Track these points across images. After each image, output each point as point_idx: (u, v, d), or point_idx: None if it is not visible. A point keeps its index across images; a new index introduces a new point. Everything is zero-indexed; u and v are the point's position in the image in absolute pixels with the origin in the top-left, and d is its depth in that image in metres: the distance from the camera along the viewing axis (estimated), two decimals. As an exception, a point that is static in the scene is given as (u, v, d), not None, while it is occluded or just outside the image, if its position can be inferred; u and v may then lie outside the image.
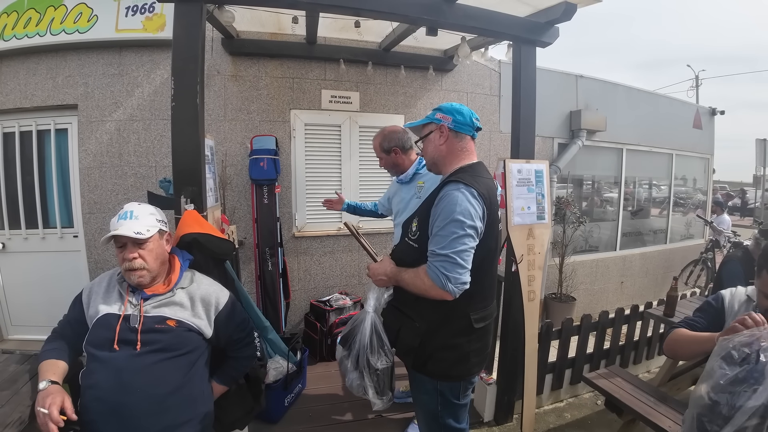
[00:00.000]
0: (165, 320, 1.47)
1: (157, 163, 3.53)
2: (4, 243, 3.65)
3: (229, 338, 1.65)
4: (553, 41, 2.56)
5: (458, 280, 1.39)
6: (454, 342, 1.52)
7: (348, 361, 1.69)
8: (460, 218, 1.40)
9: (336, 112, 3.86)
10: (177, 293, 1.55)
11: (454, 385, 1.59)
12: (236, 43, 3.50)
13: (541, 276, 2.52)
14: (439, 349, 1.52)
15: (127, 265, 1.46)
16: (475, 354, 1.57)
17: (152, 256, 1.50)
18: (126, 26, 3.38)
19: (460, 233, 1.39)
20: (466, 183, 1.45)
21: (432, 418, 1.65)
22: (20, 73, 3.47)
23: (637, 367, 3.49)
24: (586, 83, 5.08)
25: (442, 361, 1.53)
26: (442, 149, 1.61)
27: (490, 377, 2.79)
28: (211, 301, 1.59)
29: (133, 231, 1.45)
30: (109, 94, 3.48)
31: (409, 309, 1.57)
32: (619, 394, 2.42)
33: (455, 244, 1.39)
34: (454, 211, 1.40)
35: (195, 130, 1.94)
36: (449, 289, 1.39)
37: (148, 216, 1.55)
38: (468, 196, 1.42)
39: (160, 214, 1.61)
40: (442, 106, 1.65)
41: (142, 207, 1.56)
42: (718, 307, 1.67)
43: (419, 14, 2.25)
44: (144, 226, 1.50)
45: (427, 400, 1.63)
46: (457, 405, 1.62)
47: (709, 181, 7.10)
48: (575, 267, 4.90)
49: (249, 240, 3.54)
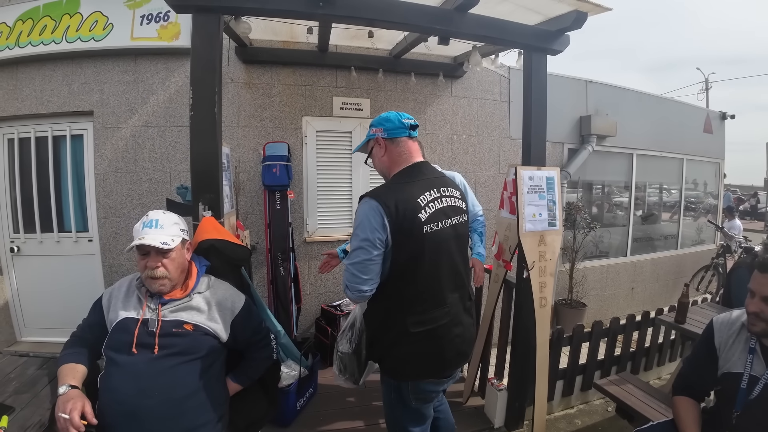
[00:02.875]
0: (182, 324, 1.50)
1: (172, 169, 3.59)
2: (19, 246, 3.73)
3: (246, 341, 1.68)
4: (563, 49, 2.57)
5: (354, 288, 1.50)
6: (396, 344, 1.57)
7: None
8: (357, 232, 1.50)
9: (347, 119, 3.90)
10: (194, 298, 1.57)
11: (403, 386, 1.63)
12: (249, 51, 3.56)
13: (552, 282, 2.53)
14: (386, 348, 1.61)
15: (150, 273, 1.48)
16: (419, 358, 1.57)
17: (174, 265, 1.52)
18: (141, 34, 3.44)
19: (356, 246, 1.49)
20: (370, 195, 1.52)
21: (393, 419, 1.75)
22: (36, 80, 3.54)
23: (648, 374, 3.47)
24: (596, 88, 5.08)
25: (389, 359, 1.62)
26: (385, 160, 1.68)
27: (501, 383, 2.79)
28: (228, 305, 1.62)
29: (159, 241, 1.47)
30: (125, 101, 3.55)
31: (368, 307, 1.68)
32: (631, 400, 2.43)
33: (353, 256, 1.50)
34: (355, 225, 1.52)
35: (213, 139, 1.98)
36: (348, 295, 1.54)
37: (172, 225, 1.56)
38: (367, 210, 1.49)
39: (183, 223, 1.63)
40: (372, 122, 1.71)
41: (167, 216, 1.57)
42: (709, 346, 1.67)
43: (431, 24, 2.28)
44: (169, 235, 1.52)
45: (385, 391, 1.73)
46: (411, 409, 1.67)
47: (720, 185, 7.05)
48: (586, 273, 4.89)
49: (261, 245, 3.58)
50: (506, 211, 2.61)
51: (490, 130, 4.37)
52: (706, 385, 1.71)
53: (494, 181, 4.37)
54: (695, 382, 1.73)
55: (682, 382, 1.78)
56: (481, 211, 2.65)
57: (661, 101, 6.03)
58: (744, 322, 1.58)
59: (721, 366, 1.61)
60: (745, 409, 1.51)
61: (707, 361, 1.67)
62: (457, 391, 3.04)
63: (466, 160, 4.28)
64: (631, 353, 3.31)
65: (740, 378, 1.53)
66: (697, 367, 1.73)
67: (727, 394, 1.59)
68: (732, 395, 1.55)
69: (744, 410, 1.51)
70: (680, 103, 6.50)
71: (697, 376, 1.72)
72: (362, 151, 1.79)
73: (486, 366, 3.00)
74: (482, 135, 4.34)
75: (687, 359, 1.85)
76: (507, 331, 2.79)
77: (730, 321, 1.65)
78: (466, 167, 4.26)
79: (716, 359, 1.63)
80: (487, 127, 4.35)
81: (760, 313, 1.48)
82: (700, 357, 1.72)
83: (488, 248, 4.18)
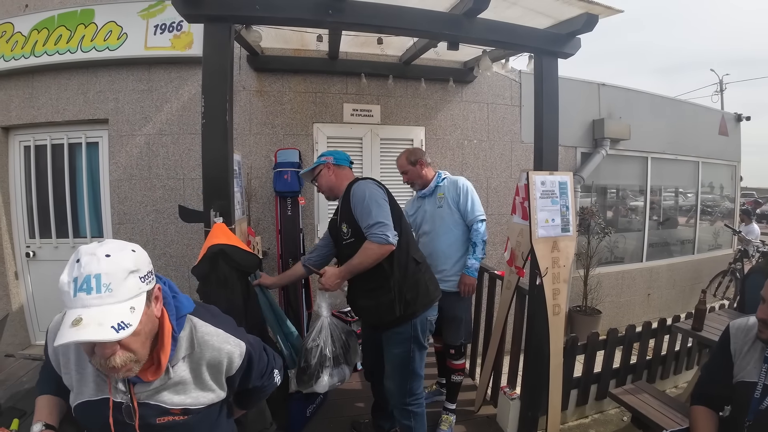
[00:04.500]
0: (167, 411, 1.07)
1: (185, 176, 3.63)
2: (34, 251, 3.81)
3: (248, 387, 1.31)
4: (575, 52, 2.54)
5: (394, 234, 1.87)
6: (413, 283, 1.99)
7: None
8: (374, 197, 1.91)
9: (357, 125, 3.91)
10: (174, 370, 1.07)
11: (423, 323, 2.03)
12: (261, 59, 3.60)
13: (566, 289, 2.49)
14: (407, 291, 1.97)
15: (102, 363, 0.90)
16: (431, 282, 2.11)
17: (140, 340, 0.94)
18: (155, 44, 3.51)
19: (380, 204, 1.90)
20: (364, 180, 2.03)
21: (404, 366, 2.04)
22: (52, 88, 3.63)
23: (665, 383, 3.40)
24: (608, 91, 5.03)
25: (411, 302, 1.97)
26: (332, 178, 2.14)
27: (514, 392, 2.74)
28: (222, 365, 1.14)
29: (110, 326, 0.84)
30: (139, 109, 3.61)
31: (372, 282, 1.97)
32: (646, 410, 2.38)
33: (380, 213, 1.87)
34: (366, 195, 1.91)
35: (224, 146, 1.99)
36: (392, 241, 1.86)
37: (126, 278, 0.90)
38: (369, 182, 2.00)
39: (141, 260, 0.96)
40: (322, 153, 2.23)
41: (113, 262, 0.89)
42: (725, 352, 1.63)
43: (441, 30, 2.28)
44: (125, 302, 0.89)
45: (403, 351, 2.03)
46: (423, 348, 2.07)
47: (737, 188, 6.91)
48: (600, 279, 4.82)
49: (273, 251, 3.60)
50: (518, 217, 2.58)
51: (502, 135, 4.34)
52: (724, 394, 1.65)
53: (506, 186, 4.34)
54: (712, 390, 1.68)
55: (700, 390, 1.74)
56: (480, 217, 2.59)
57: (675, 103, 5.94)
58: None
59: (736, 374, 1.57)
60: (756, 419, 1.47)
61: (723, 368, 1.62)
62: (468, 399, 3.00)
63: (477, 165, 4.26)
64: (647, 361, 3.25)
65: (754, 387, 1.49)
66: (713, 375, 1.69)
67: (740, 403, 1.55)
68: (745, 404, 1.51)
69: (756, 420, 1.47)
70: (694, 105, 6.41)
71: (713, 384, 1.67)
72: (307, 176, 2.24)
73: (498, 374, 2.95)
74: (493, 140, 4.32)
75: (704, 366, 1.80)
76: (520, 339, 2.74)
77: (746, 327, 1.60)
78: (477, 172, 4.24)
79: (732, 366, 1.59)
80: (498, 131, 4.33)
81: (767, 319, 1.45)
82: (717, 364, 1.67)
83: (500, 254, 4.17)
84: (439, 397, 2.93)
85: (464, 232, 2.62)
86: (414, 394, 2.10)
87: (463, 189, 2.60)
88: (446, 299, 2.29)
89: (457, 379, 2.71)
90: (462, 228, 2.61)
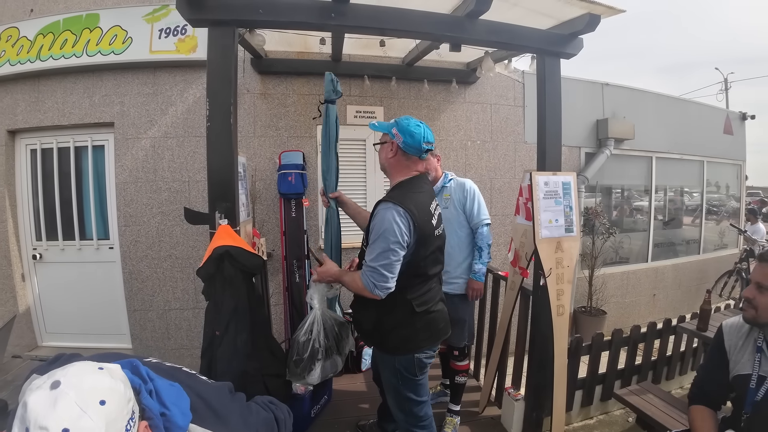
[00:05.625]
0: None
1: (190, 179, 3.66)
2: (41, 253, 3.84)
3: None
4: (577, 52, 2.54)
5: (383, 287, 1.66)
6: (401, 324, 1.77)
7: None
8: (386, 236, 1.62)
9: (361, 127, 3.92)
10: None
11: (408, 360, 1.80)
12: (265, 62, 3.63)
13: (570, 290, 2.49)
14: (389, 331, 1.79)
15: None
16: (423, 331, 1.81)
17: None
18: (159, 48, 3.54)
19: (386, 248, 1.62)
20: (395, 202, 1.66)
21: (395, 391, 1.90)
22: (57, 92, 3.67)
23: (670, 383, 3.38)
24: (612, 91, 5.02)
25: (394, 339, 1.79)
26: (392, 162, 1.84)
27: (518, 393, 2.75)
28: None
29: None
30: (144, 112, 3.64)
31: (365, 300, 1.78)
32: (651, 411, 2.38)
33: (381, 258, 1.63)
34: (382, 228, 1.63)
35: (229, 149, 2.01)
36: (376, 293, 1.67)
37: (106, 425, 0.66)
38: (395, 215, 1.63)
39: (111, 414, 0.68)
40: (399, 122, 1.82)
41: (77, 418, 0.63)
42: (720, 351, 1.66)
43: (443, 32, 2.29)
44: None
45: (390, 376, 1.88)
46: (413, 381, 1.85)
47: (742, 187, 6.87)
48: (605, 279, 4.81)
49: (277, 252, 3.62)
50: (522, 218, 2.58)
51: (505, 136, 4.35)
52: (721, 392, 1.68)
53: (509, 186, 4.34)
54: (710, 389, 1.69)
55: (697, 390, 1.75)
56: (486, 221, 2.59)
57: (680, 103, 5.92)
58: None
59: (732, 369, 1.60)
60: (754, 410, 1.48)
61: (719, 367, 1.64)
62: (473, 400, 3.00)
63: (480, 166, 4.26)
64: (653, 362, 3.23)
65: (749, 379, 1.51)
66: (710, 374, 1.70)
67: (738, 398, 1.58)
68: (742, 397, 1.53)
69: (753, 411, 1.49)
70: (699, 105, 6.38)
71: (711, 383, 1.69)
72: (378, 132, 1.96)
73: (503, 375, 2.95)
74: (497, 140, 4.32)
75: (701, 366, 1.82)
76: (524, 340, 2.74)
77: (739, 324, 1.63)
78: (481, 173, 4.24)
79: (728, 363, 1.61)
80: (501, 132, 4.33)
81: (752, 299, 1.50)
82: (713, 363, 1.70)
83: (504, 255, 4.16)
84: (443, 398, 2.94)
85: (468, 234, 2.62)
86: (417, 416, 1.93)
87: (470, 192, 2.60)
88: (450, 301, 2.27)
89: (460, 381, 2.71)
90: (466, 230, 2.62)
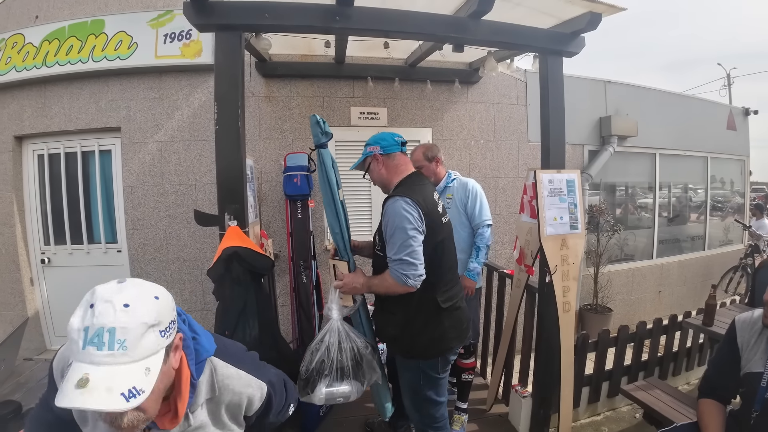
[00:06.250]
0: None
1: (197, 181, 3.69)
2: (49, 258, 3.89)
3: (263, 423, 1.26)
4: (579, 51, 2.55)
5: (415, 275, 1.66)
6: (429, 323, 1.79)
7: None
8: (402, 225, 1.67)
9: (365, 128, 3.94)
10: (194, 416, 1.03)
11: (433, 362, 1.83)
12: (269, 65, 3.66)
13: (575, 287, 2.50)
14: (416, 334, 1.79)
15: (110, 422, 0.80)
16: (451, 329, 1.83)
17: (153, 398, 0.82)
18: (165, 53, 3.57)
19: (405, 237, 1.66)
20: (400, 194, 1.73)
21: (415, 392, 1.90)
22: (64, 98, 3.71)
23: (677, 379, 3.39)
24: (615, 88, 5.03)
25: (423, 341, 1.79)
26: (383, 173, 1.92)
27: (525, 390, 2.76)
28: (241, 407, 1.12)
29: (119, 393, 0.74)
30: (151, 116, 3.68)
31: (389, 305, 1.84)
32: (658, 405, 2.39)
33: (404, 248, 1.66)
34: (396, 221, 1.68)
35: (237, 152, 2.04)
36: (410, 284, 1.66)
37: (145, 334, 0.80)
38: (403, 204, 1.69)
39: (163, 310, 0.86)
40: (368, 141, 1.96)
41: (132, 314, 0.79)
42: (732, 346, 1.66)
43: (446, 32, 2.31)
44: (140, 361, 0.79)
45: (411, 377, 1.89)
46: (437, 379, 1.88)
47: (747, 183, 6.86)
48: (611, 277, 4.81)
49: (284, 253, 3.65)
50: (527, 215, 2.60)
51: (508, 134, 4.36)
52: (731, 387, 1.68)
53: (514, 185, 4.35)
54: (719, 383, 1.70)
55: (707, 384, 1.76)
56: (487, 222, 2.62)
57: (683, 99, 5.92)
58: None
59: (743, 366, 1.60)
60: (763, 408, 1.49)
61: (730, 362, 1.65)
62: (480, 398, 3.02)
63: (484, 165, 4.28)
64: (659, 358, 3.24)
65: (760, 377, 1.51)
66: (720, 368, 1.71)
67: (747, 394, 1.58)
68: (752, 395, 1.53)
69: (763, 410, 1.49)
70: (702, 101, 6.39)
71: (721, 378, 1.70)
72: (359, 168, 2.02)
73: (510, 373, 2.97)
74: (500, 139, 4.34)
75: (711, 361, 1.83)
76: (530, 337, 2.76)
77: (752, 320, 1.63)
78: (485, 172, 4.26)
79: (739, 359, 1.61)
80: (504, 131, 4.35)
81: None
82: (724, 357, 1.70)
83: (510, 253, 4.18)
84: (450, 396, 2.95)
85: (471, 234, 2.65)
86: (434, 417, 1.94)
87: (472, 192, 2.63)
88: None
89: (467, 378, 2.73)
90: (468, 230, 2.65)
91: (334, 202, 2.04)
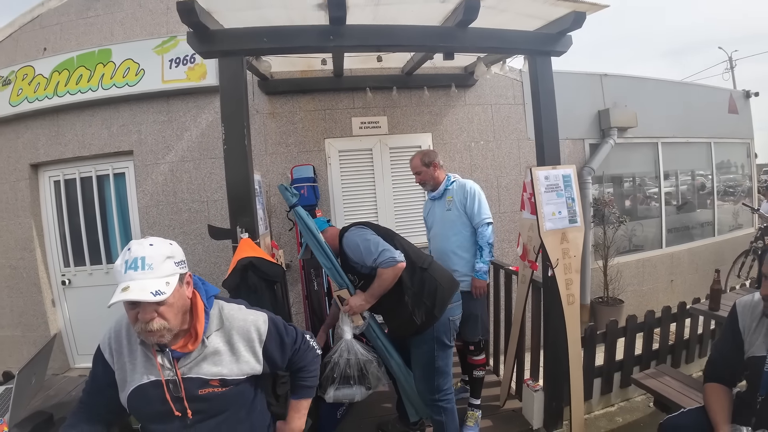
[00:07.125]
0: (207, 382, 1.28)
1: (209, 198, 3.83)
2: (70, 279, 4.04)
3: (287, 359, 1.48)
4: (566, 49, 2.61)
5: (395, 253, 2.06)
6: (425, 283, 2.14)
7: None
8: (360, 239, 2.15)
9: (366, 137, 4.06)
10: (209, 341, 1.29)
11: (444, 324, 2.18)
12: (271, 83, 3.79)
13: (578, 279, 2.56)
14: (428, 295, 2.12)
15: (143, 327, 1.16)
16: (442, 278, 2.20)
17: (173, 311, 1.19)
18: (171, 77, 3.73)
19: (368, 242, 2.11)
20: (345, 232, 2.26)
21: (428, 363, 2.20)
22: (77, 125, 3.89)
23: (690, 367, 3.40)
24: (611, 81, 5.05)
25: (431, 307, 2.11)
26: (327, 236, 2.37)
27: (537, 384, 2.79)
28: (252, 335, 1.36)
29: (149, 291, 1.11)
30: (161, 139, 3.84)
31: (393, 302, 2.14)
32: (667, 392, 2.40)
33: (374, 246, 2.08)
34: (355, 242, 2.15)
35: (245, 168, 2.16)
36: (399, 259, 2.05)
37: (164, 261, 1.18)
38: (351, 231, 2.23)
39: (176, 251, 1.26)
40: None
41: (156, 249, 1.19)
42: (734, 330, 1.66)
43: (436, 43, 2.41)
44: (162, 278, 1.16)
45: (426, 350, 2.19)
46: (448, 348, 2.22)
47: (753, 166, 6.81)
48: (620, 268, 4.81)
49: (295, 263, 3.76)
50: (527, 212, 2.67)
51: (508, 134, 4.42)
52: (735, 371, 1.69)
53: (516, 183, 4.40)
54: (724, 367, 1.71)
55: (712, 368, 1.77)
56: (486, 220, 2.68)
57: (681, 86, 5.93)
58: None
59: (746, 350, 1.60)
60: None
61: (734, 345, 1.65)
62: (493, 395, 3.06)
63: (486, 166, 4.35)
64: (670, 346, 3.26)
65: (763, 362, 1.52)
66: (724, 352, 1.72)
67: (752, 378, 1.58)
68: (756, 379, 1.54)
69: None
70: (701, 86, 6.37)
71: (725, 362, 1.70)
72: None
73: (521, 368, 3.01)
74: (500, 139, 4.40)
75: (715, 345, 1.84)
76: (539, 331, 2.80)
77: (753, 303, 1.63)
78: (487, 172, 4.33)
79: (742, 343, 1.61)
80: (504, 131, 4.41)
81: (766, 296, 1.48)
82: (727, 342, 1.70)
83: (515, 251, 4.22)
84: (464, 394, 3.00)
85: (473, 233, 2.72)
86: (442, 390, 2.24)
87: (471, 192, 2.70)
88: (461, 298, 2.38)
89: (479, 375, 2.78)
90: (470, 230, 2.72)
91: (320, 245, 2.31)
